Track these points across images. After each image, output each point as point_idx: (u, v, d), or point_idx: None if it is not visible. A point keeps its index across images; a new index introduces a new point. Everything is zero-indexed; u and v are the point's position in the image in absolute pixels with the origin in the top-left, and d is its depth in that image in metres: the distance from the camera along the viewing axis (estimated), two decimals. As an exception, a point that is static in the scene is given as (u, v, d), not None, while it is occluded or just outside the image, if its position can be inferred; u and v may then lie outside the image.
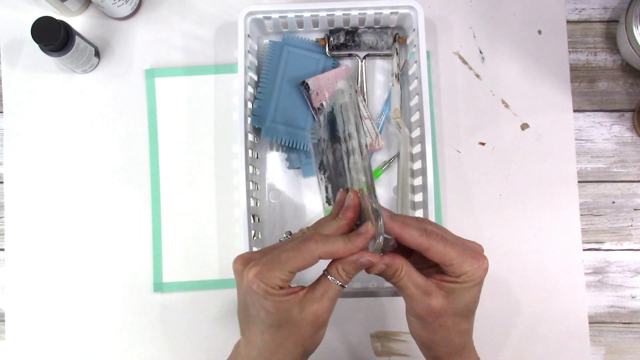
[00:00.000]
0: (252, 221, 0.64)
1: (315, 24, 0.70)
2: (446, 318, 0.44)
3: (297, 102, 0.68)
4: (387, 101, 0.70)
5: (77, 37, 0.65)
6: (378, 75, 0.71)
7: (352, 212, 0.44)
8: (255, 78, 0.69)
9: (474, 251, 0.44)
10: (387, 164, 0.69)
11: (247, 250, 0.62)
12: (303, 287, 0.44)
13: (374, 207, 0.42)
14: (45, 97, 0.72)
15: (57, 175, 0.71)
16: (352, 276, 0.44)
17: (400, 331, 0.68)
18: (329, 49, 0.70)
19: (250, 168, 0.64)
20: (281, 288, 0.42)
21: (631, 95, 0.72)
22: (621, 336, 0.69)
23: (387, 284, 0.63)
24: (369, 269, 0.43)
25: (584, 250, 0.70)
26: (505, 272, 0.69)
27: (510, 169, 0.70)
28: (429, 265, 0.45)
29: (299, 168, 0.69)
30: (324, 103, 0.67)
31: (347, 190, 0.46)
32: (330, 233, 0.43)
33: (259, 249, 0.67)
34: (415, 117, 0.66)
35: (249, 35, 0.65)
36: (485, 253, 0.74)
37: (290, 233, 0.47)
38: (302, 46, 0.70)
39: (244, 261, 0.44)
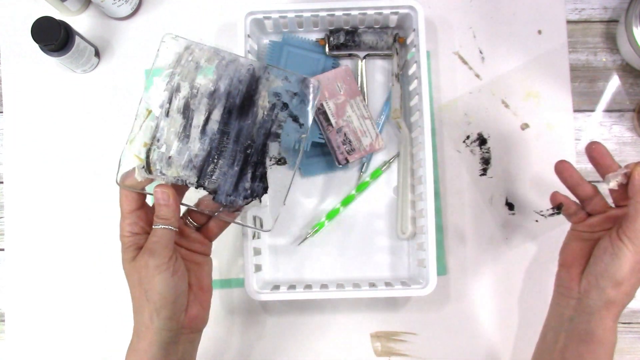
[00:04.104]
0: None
1: (315, 24, 0.70)
2: None
3: (297, 102, 0.68)
4: (387, 101, 0.70)
5: (77, 37, 0.65)
6: (378, 75, 0.71)
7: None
8: (255, 78, 0.69)
9: None
10: (387, 164, 0.69)
11: (248, 250, 0.63)
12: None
13: None
14: (45, 97, 0.72)
15: (57, 175, 0.71)
16: (166, 215, 0.49)
17: (400, 331, 0.68)
18: (329, 49, 0.70)
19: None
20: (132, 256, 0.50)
21: (631, 95, 0.72)
22: (621, 336, 0.69)
23: (385, 285, 0.64)
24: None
25: (584, 250, 0.70)
26: (506, 272, 0.69)
27: (510, 169, 0.70)
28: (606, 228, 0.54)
29: (299, 168, 0.69)
30: None
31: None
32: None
33: (259, 248, 0.67)
34: (415, 117, 0.66)
35: (249, 35, 0.65)
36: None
37: None
38: (302, 46, 0.70)
39: None
